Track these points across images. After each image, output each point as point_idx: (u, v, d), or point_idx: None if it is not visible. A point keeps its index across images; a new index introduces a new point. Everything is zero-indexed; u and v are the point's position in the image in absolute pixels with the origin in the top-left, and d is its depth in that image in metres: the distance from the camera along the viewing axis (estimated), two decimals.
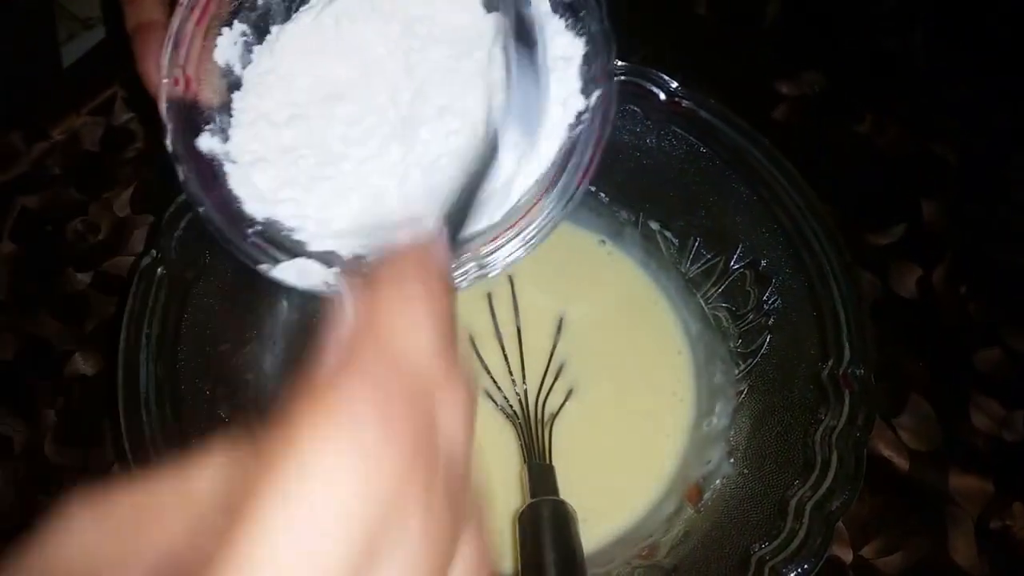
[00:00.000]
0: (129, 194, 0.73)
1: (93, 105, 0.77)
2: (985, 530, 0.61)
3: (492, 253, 0.44)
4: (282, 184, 0.44)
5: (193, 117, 0.44)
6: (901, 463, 0.63)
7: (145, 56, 0.45)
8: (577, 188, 0.44)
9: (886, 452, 0.63)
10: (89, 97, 0.78)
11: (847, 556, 0.60)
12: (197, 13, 0.44)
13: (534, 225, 0.44)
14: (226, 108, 0.45)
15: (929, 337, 0.69)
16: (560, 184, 0.44)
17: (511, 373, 0.61)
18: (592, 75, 0.45)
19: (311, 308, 0.63)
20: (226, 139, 0.45)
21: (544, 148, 0.45)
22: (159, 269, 0.50)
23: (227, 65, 0.46)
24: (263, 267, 0.43)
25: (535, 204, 0.45)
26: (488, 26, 0.47)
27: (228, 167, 0.44)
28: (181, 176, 0.43)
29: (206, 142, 0.44)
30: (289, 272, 0.43)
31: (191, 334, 0.51)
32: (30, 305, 0.69)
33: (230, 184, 0.44)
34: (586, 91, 0.45)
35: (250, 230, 0.43)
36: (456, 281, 0.44)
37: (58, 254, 0.71)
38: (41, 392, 0.65)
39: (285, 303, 0.60)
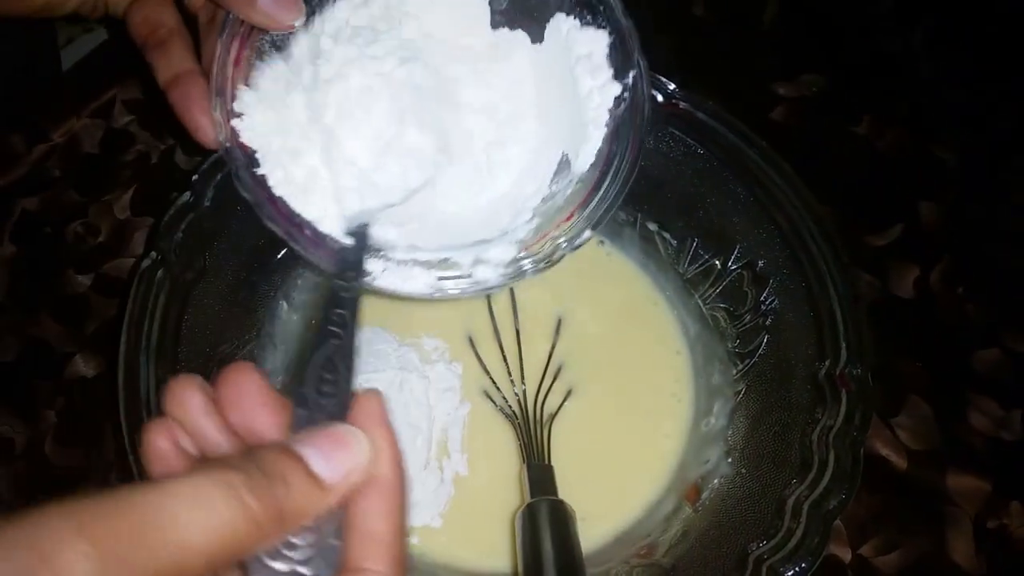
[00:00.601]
0: (129, 196, 0.73)
1: (93, 108, 0.78)
2: (983, 529, 0.61)
3: (560, 239, 0.46)
4: (335, 199, 0.45)
5: (248, 155, 0.44)
6: (899, 462, 0.63)
7: (189, 108, 0.46)
8: (631, 167, 0.46)
9: (884, 451, 0.64)
10: (89, 100, 0.78)
11: (846, 555, 0.60)
12: (233, 57, 0.44)
13: (594, 207, 0.46)
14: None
15: (927, 337, 0.69)
16: (612, 167, 0.46)
17: (510, 373, 0.61)
18: (622, 60, 0.46)
19: (311, 309, 0.63)
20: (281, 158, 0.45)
21: (593, 135, 0.46)
22: (159, 271, 0.51)
23: None
24: (366, 280, 0.42)
25: (591, 189, 0.46)
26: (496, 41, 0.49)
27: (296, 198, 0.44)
28: (265, 217, 0.43)
29: (276, 179, 0.43)
30: (393, 280, 0.43)
31: (191, 335, 0.52)
32: (30, 307, 0.69)
33: (297, 208, 0.44)
34: (619, 76, 0.46)
35: (337, 247, 0.43)
36: (527, 270, 0.45)
37: (58, 256, 0.71)
38: (42, 393, 0.66)
39: (284, 304, 0.60)
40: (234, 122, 0.43)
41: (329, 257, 0.43)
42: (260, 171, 0.43)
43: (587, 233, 0.45)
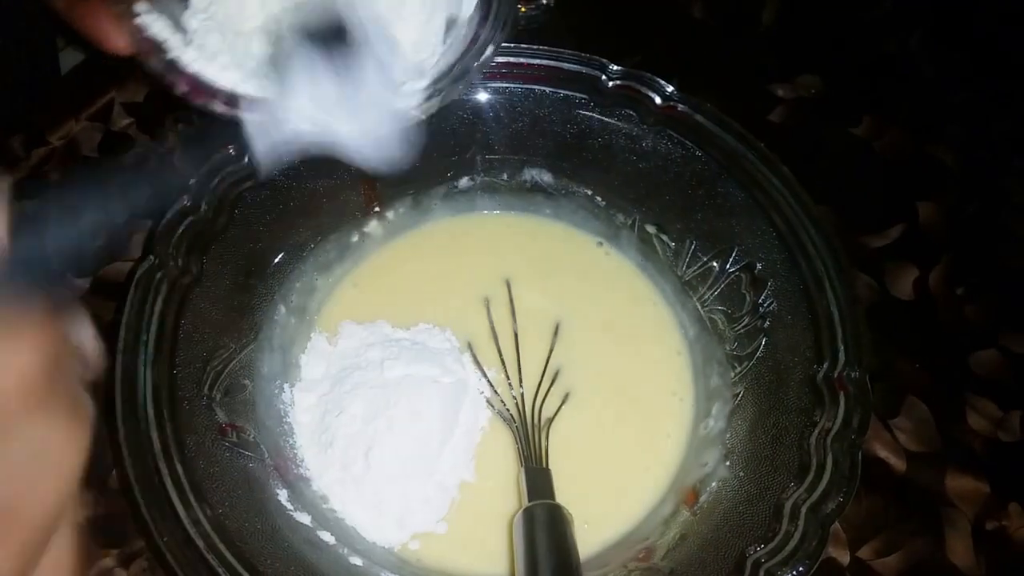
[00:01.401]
0: None
1: (91, 111, 0.78)
2: (982, 531, 0.61)
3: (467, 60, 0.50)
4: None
5: (156, 44, 0.48)
6: (898, 464, 0.63)
7: (95, 19, 0.49)
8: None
9: (883, 453, 0.64)
10: (87, 103, 0.78)
11: (844, 558, 0.60)
12: None
13: (489, 27, 0.51)
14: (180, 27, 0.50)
15: (926, 339, 0.69)
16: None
17: (508, 377, 0.61)
18: None
19: (310, 312, 0.63)
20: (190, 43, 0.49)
21: None
22: (156, 275, 0.51)
23: None
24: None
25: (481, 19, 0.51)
26: None
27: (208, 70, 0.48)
28: (183, 93, 0.47)
29: (188, 58, 0.48)
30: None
31: (188, 339, 0.52)
32: None
33: (223, 85, 0.48)
34: None
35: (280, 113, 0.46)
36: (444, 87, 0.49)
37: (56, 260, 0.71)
38: None
39: (282, 307, 0.60)
40: (137, 21, 0.48)
41: (249, 117, 0.46)
42: (169, 56, 0.48)
43: (490, 49, 0.50)
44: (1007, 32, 0.85)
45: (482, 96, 0.60)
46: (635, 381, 0.62)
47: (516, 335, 0.63)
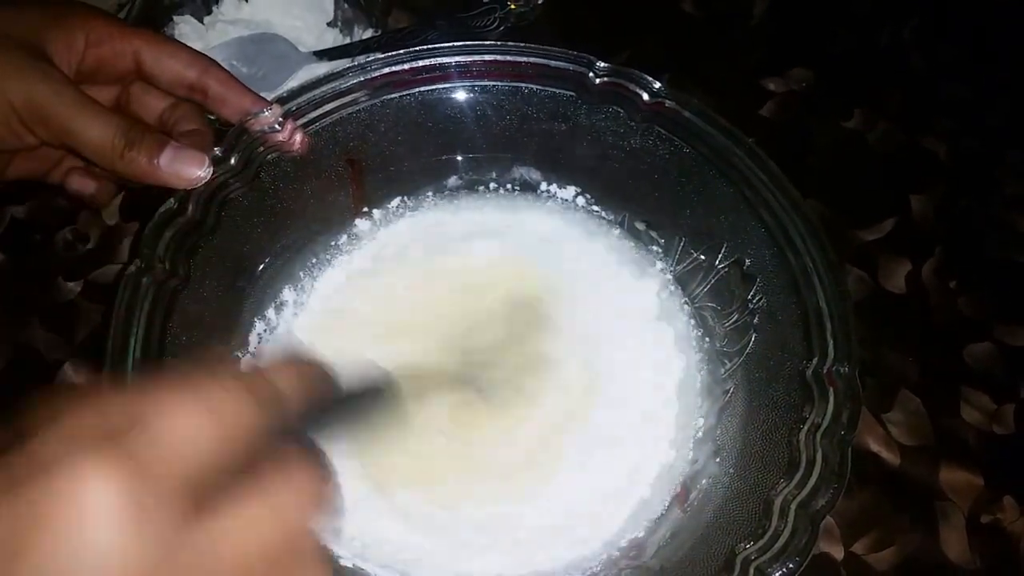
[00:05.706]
0: (118, 203, 0.73)
1: None
2: (976, 524, 0.61)
3: None
4: None
5: None
6: (891, 458, 0.63)
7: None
8: None
9: (876, 448, 0.63)
10: None
11: (838, 553, 0.60)
12: None
13: None
14: None
15: (919, 332, 0.69)
16: None
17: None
18: None
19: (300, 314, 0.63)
20: None
21: None
22: (143, 278, 0.50)
23: None
24: None
25: None
26: None
27: None
28: None
29: None
30: None
31: (177, 342, 0.51)
32: (20, 315, 0.69)
33: None
34: None
35: None
36: None
37: (48, 263, 0.71)
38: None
39: (272, 310, 0.60)
40: None
41: None
42: None
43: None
44: (999, 23, 0.85)
45: (469, 95, 0.60)
46: (625, 378, 0.62)
47: None
